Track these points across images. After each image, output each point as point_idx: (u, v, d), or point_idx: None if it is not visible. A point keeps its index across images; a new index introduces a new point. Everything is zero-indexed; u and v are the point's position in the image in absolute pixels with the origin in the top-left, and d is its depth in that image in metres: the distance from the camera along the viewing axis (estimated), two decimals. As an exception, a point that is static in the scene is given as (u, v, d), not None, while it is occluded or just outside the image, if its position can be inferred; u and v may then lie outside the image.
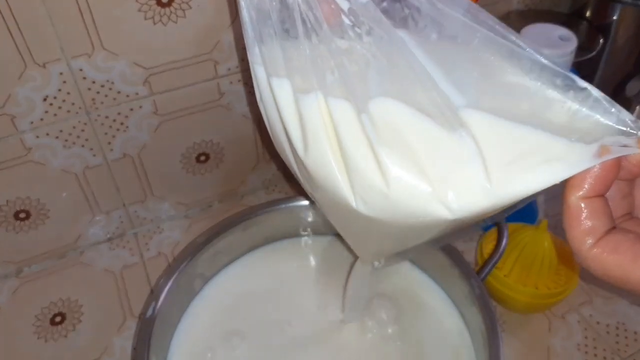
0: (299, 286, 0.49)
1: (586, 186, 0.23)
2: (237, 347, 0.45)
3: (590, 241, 0.23)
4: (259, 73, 0.33)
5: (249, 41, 0.32)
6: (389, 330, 0.45)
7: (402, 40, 0.28)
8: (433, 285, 0.48)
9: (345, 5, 0.29)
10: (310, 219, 0.52)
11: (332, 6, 0.29)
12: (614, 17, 0.60)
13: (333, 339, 0.45)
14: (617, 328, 0.50)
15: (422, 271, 0.49)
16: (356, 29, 0.29)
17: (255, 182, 0.64)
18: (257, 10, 0.31)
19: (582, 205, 0.23)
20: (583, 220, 0.23)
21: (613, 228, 0.24)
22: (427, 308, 0.47)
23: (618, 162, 0.23)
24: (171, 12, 0.46)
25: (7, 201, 0.52)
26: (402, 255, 0.38)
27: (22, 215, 0.54)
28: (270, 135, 0.37)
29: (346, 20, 0.29)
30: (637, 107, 0.70)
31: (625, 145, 0.23)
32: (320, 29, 0.28)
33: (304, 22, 0.29)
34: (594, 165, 0.23)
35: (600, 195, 0.23)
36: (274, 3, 0.30)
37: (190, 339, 0.45)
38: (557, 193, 0.25)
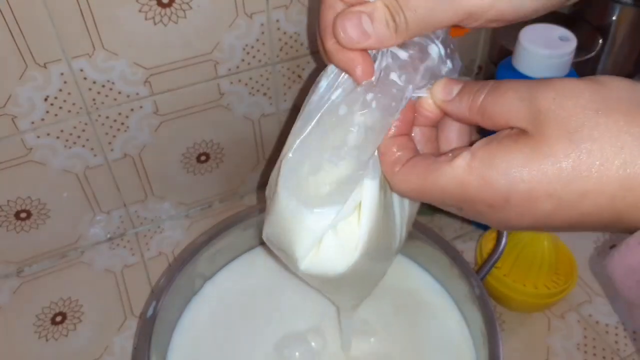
0: (298, 285, 0.49)
1: (393, 128, 0.28)
2: (236, 346, 0.45)
3: (397, 168, 0.27)
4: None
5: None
6: (390, 329, 0.45)
7: None
8: (435, 284, 0.48)
9: None
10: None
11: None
12: (614, 18, 0.60)
13: (333, 338, 0.45)
14: (617, 327, 0.50)
15: (424, 270, 0.49)
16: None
17: (255, 182, 0.64)
18: None
19: (390, 142, 0.28)
20: (391, 153, 0.28)
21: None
22: (429, 307, 0.47)
23: (413, 106, 0.28)
24: (172, 12, 0.46)
25: (7, 201, 0.52)
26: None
27: (23, 215, 0.54)
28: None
29: None
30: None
31: (419, 96, 0.28)
32: None
33: None
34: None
35: (404, 134, 0.28)
36: None
37: (190, 337, 0.45)
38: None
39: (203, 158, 0.58)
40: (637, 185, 0.21)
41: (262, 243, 0.51)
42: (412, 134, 0.29)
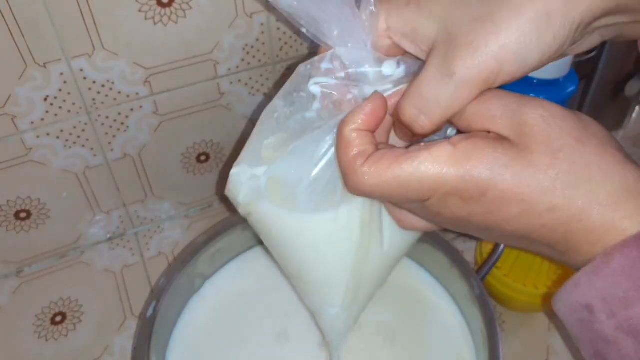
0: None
1: (359, 121, 0.26)
2: (236, 345, 0.45)
3: (360, 162, 0.26)
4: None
5: None
6: (390, 328, 0.45)
7: None
8: (435, 284, 0.48)
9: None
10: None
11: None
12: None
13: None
14: (617, 328, 0.50)
15: (424, 270, 0.49)
16: None
17: (255, 182, 0.64)
18: None
19: (354, 135, 0.26)
20: (355, 147, 0.26)
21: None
22: (429, 307, 0.47)
23: (385, 102, 0.27)
24: (172, 12, 0.46)
25: (7, 201, 0.52)
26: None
27: (22, 215, 0.54)
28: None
29: None
30: (637, 107, 0.70)
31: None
32: None
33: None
34: (367, 104, 0.27)
35: (369, 130, 0.27)
36: None
37: (189, 337, 0.45)
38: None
39: (203, 158, 0.58)
40: (593, 214, 0.23)
41: (261, 243, 0.51)
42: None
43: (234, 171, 0.32)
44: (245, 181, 0.32)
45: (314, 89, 0.30)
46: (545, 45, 0.25)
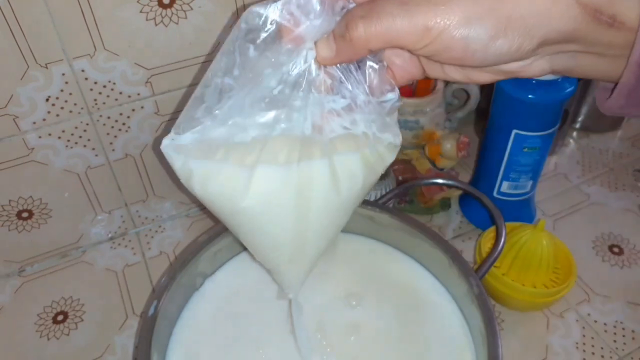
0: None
1: None
2: (236, 343, 0.45)
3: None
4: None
5: None
6: (389, 327, 0.45)
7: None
8: (434, 283, 0.48)
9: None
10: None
11: None
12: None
13: (335, 333, 0.45)
14: (615, 327, 0.51)
15: (423, 269, 0.49)
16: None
17: (255, 182, 0.64)
18: None
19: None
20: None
21: None
22: (428, 306, 0.47)
23: None
24: (172, 13, 0.47)
25: (9, 201, 0.52)
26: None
27: (24, 214, 0.54)
28: None
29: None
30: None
31: None
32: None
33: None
34: None
35: None
36: None
37: (190, 335, 0.46)
38: (558, 192, 0.26)
39: (204, 158, 0.59)
40: None
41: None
42: None
43: (164, 142, 0.34)
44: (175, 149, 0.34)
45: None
46: (491, 37, 0.26)
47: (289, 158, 0.31)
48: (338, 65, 0.30)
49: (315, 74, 0.29)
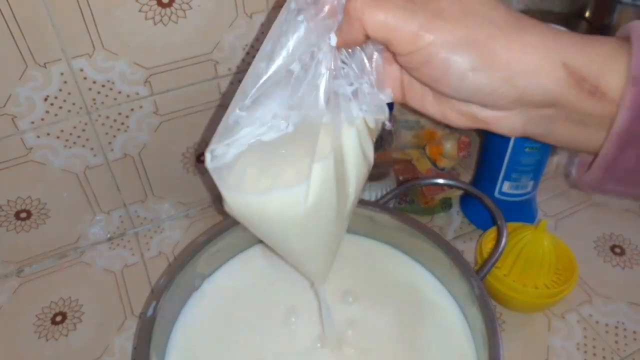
0: (297, 282, 0.49)
1: None
2: (235, 344, 0.45)
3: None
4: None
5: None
6: (391, 328, 0.45)
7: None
8: (435, 284, 0.48)
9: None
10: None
11: None
12: (614, 17, 0.60)
13: (335, 334, 0.45)
14: (617, 327, 0.50)
15: (424, 270, 0.49)
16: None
17: (255, 182, 0.64)
18: None
19: None
20: None
21: None
22: (429, 306, 0.47)
23: None
24: (172, 12, 0.46)
25: (8, 201, 0.52)
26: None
27: (23, 215, 0.54)
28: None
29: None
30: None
31: None
32: None
33: None
34: None
35: None
36: None
37: (189, 335, 0.45)
38: (558, 192, 0.25)
39: (203, 158, 0.58)
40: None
41: (261, 242, 0.51)
42: None
43: (208, 163, 0.34)
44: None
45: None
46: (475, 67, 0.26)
47: (325, 147, 0.31)
48: (350, 51, 0.31)
49: (330, 57, 0.30)
